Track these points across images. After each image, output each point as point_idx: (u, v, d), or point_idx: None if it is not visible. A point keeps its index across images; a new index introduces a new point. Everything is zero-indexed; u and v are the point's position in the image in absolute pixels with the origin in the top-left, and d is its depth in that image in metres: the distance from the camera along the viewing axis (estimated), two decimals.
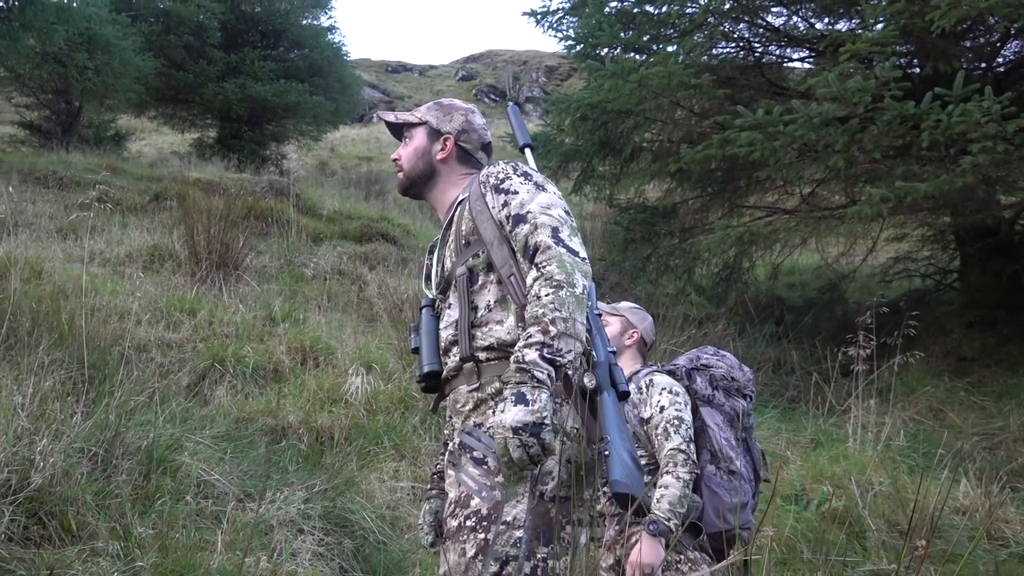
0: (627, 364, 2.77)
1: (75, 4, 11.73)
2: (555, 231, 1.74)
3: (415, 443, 4.57)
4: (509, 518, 1.67)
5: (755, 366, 6.91)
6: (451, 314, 1.88)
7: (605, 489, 2.14)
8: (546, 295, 1.66)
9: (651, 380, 2.67)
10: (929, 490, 4.14)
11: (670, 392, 2.61)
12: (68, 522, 2.75)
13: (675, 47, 8.14)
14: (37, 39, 10.98)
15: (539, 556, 1.67)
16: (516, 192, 1.82)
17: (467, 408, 1.82)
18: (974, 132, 5.51)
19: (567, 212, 1.81)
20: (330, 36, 17.02)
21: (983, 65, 7.74)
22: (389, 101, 29.72)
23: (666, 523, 2.39)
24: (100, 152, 12.64)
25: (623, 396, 1.76)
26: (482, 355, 1.80)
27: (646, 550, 2.40)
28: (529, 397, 1.59)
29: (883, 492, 4.43)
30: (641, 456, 2.55)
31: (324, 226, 9.47)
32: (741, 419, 2.77)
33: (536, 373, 1.60)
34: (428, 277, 2.03)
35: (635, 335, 2.83)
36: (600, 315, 1.92)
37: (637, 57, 8.34)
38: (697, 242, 8.08)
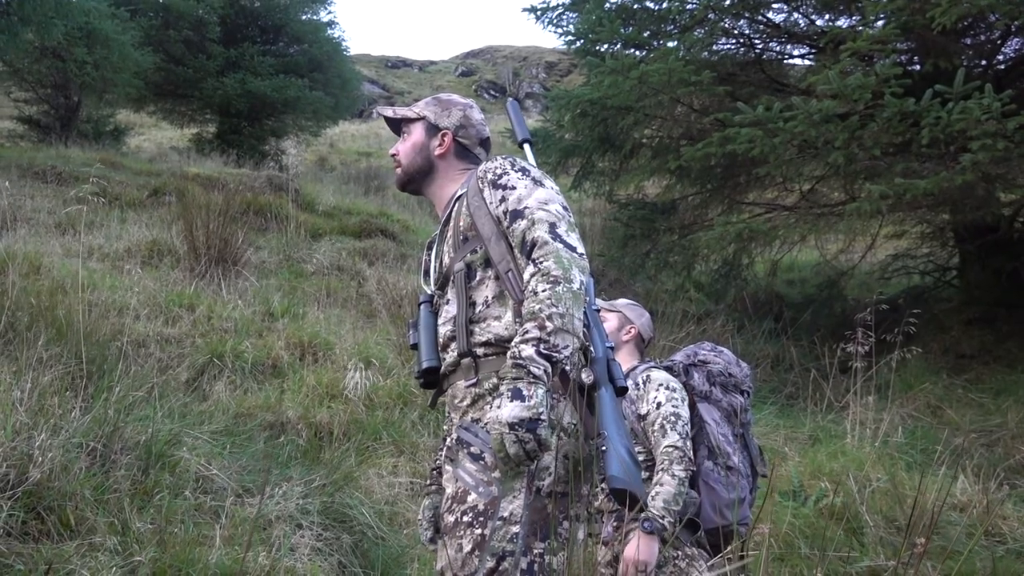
0: (624, 360, 2.77)
1: None
2: (552, 227, 1.74)
3: (414, 439, 4.58)
4: (506, 514, 1.67)
5: (754, 362, 6.92)
6: (449, 310, 1.88)
7: (603, 485, 2.14)
8: (543, 291, 1.66)
9: (648, 376, 2.67)
10: (927, 487, 4.14)
11: (667, 388, 2.61)
12: (67, 517, 2.75)
13: (675, 43, 8.13)
14: (36, 34, 10.96)
15: (536, 551, 1.67)
16: (513, 188, 1.82)
17: (465, 403, 1.82)
18: (974, 129, 5.51)
19: (565, 208, 1.81)
20: (329, 31, 17.00)
21: (983, 62, 7.73)
22: (389, 97, 29.69)
23: (660, 520, 2.40)
24: (99, 147, 12.62)
25: (621, 392, 1.76)
26: (480, 351, 1.80)
27: (641, 547, 2.40)
28: (525, 393, 1.59)
29: (881, 488, 4.44)
30: (639, 452, 2.56)
31: (323, 222, 9.47)
32: (739, 415, 2.77)
33: (532, 369, 1.60)
34: (426, 273, 2.03)
35: (632, 331, 2.83)
36: (598, 311, 1.92)
37: (637, 53, 8.32)
38: (696, 238, 8.08)
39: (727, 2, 7.94)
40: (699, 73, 6.88)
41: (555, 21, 9.03)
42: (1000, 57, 7.86)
